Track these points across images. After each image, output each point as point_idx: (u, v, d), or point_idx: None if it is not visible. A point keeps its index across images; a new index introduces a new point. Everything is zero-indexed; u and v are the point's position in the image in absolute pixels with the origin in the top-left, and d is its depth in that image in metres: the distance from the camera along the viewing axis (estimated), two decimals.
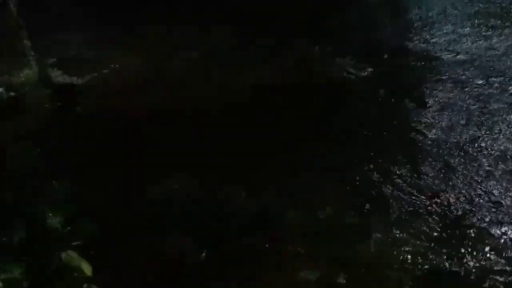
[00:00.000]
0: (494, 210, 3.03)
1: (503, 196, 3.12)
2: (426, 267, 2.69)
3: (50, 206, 1.95)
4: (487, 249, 2.77)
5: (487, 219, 2.96)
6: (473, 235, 2.87)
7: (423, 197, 3.16)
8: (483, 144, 3.62)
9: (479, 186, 3.22)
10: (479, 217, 2.98)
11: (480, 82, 4.40)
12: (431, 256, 2.74)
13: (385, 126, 3.98)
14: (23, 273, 1.68)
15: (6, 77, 5.13)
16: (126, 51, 5.48)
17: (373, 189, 3.28)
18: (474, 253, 2.76)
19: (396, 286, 2.60)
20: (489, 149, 3.56)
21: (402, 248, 2.81)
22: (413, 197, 3.18)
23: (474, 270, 2.65)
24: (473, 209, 3.05)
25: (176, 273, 2.77)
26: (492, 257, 2.73)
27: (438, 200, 3.10)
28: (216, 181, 3.45)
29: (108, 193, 3.25)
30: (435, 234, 2.89)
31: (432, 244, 2.81)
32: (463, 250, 2.77)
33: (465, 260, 2.71)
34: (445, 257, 2.73)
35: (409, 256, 2.75)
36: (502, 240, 2.82)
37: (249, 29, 5.86)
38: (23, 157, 2.26)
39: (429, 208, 3.07)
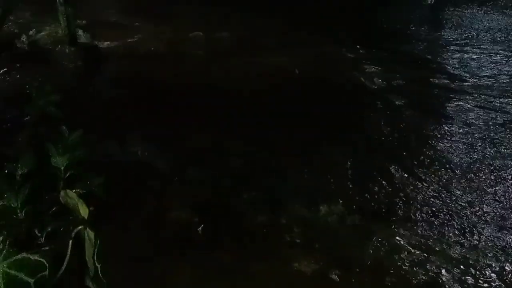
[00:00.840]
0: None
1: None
2: (422, 278, 2.63)
3: (58, 147, 1.95)
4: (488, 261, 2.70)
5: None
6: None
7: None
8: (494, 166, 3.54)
9: (489, 207, 3.15)
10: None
11: (503, 108, 4.32)
12: (428, 267, 2.68)
13: (398, 135, 3.94)
14: (20, 204, 1.69)
15: (39, 32, 5.28)
16: (154, 23, 5.55)
17: (383, 195, 3.23)
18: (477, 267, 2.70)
19: None
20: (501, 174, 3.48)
21: (401, 255, 2.75)
22: (419, 206, 3.13)
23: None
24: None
25: (173, 241, 2.77)
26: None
27: None
28: (228, 158, 3.46)
29: (119, 150, 3.31)
30: (437, 244, 2.83)
31: (432, 254, 2.76)
32: (462, 262, 2.71)
33: (463, 274, 2.65)
34: (442, 270, 2.67)
35: (407, 264, 2.70)
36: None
37: (286, 20, 5.89)
38: (43, 100, 2.29)
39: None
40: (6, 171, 1.86)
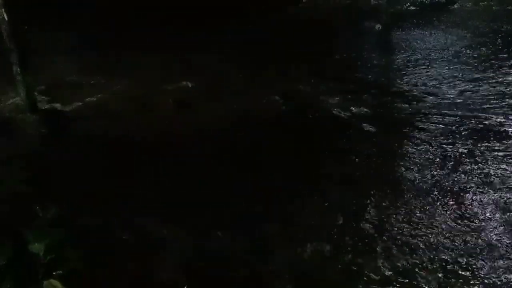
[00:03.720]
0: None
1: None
2: None
3: (34, 231, 1.91)
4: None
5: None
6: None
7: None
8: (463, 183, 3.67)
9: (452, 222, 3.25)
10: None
11: (461, 125, 4.51)
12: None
13: (367, 163, 4.05)
14: None
15: None
16: (116, 79, 5.55)
17: (362, 229, 3.28)
18: None
19: None
20: (467, 191, 3.61)
21: None
22: (405, 237, 3.18)
23: None
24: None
25: None
26: None
27: None
28: (209, 215, 3.43)
29: (96, 219, 3.22)
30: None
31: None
32: None
33: None
34: None
35: None
36: None
37: (241, 59, 6.00)
38: (12, 179, 2.24)
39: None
40: None
